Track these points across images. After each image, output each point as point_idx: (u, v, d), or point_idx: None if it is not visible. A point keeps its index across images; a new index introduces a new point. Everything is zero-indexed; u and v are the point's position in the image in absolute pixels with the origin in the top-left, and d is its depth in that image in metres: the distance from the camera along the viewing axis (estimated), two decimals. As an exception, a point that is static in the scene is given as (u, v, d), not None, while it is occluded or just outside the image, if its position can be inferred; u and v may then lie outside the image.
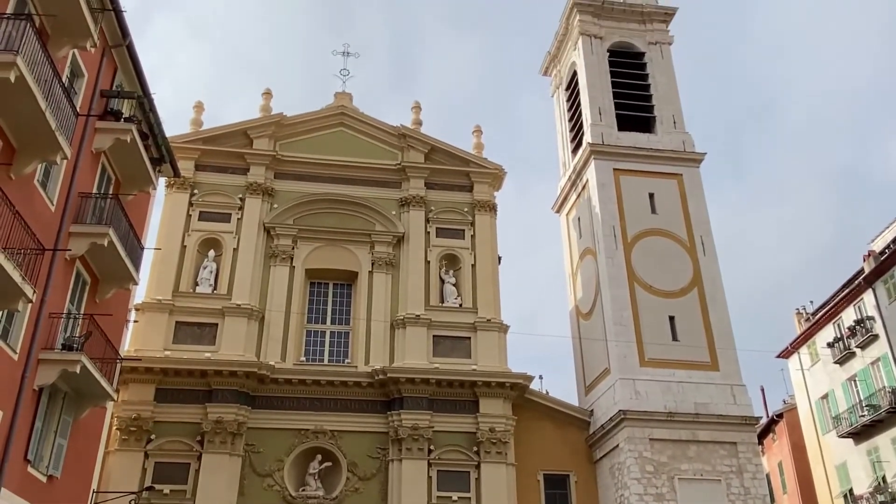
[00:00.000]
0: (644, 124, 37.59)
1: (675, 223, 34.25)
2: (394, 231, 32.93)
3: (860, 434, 37.72)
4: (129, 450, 27.04)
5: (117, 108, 21.46)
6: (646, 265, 32.92)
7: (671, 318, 31.90)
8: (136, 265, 22.03)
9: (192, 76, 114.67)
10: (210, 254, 31.33)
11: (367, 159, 34.43)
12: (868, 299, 37.77)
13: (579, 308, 35.99)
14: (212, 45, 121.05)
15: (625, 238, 33.48)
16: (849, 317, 39.38)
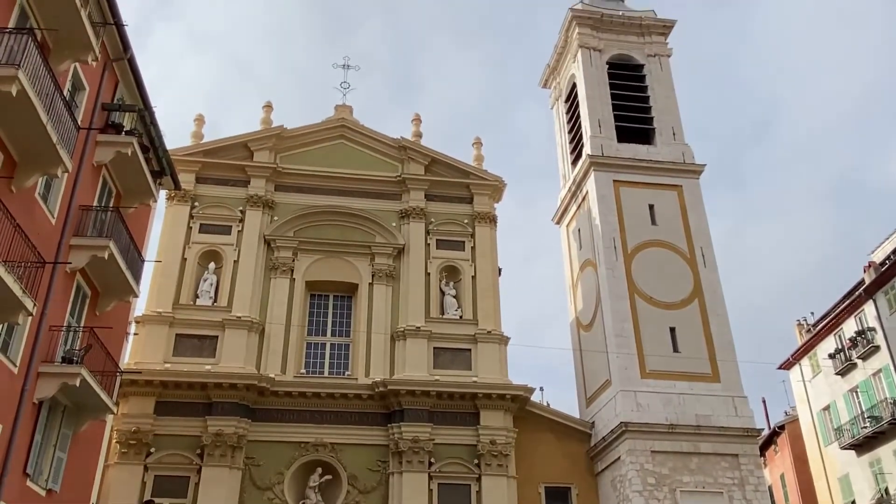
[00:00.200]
0: (643, 136, 37.69)
1: (676, 234, 34.27)
2: (394, 243, 32.94)
3: (862, 446, 37.60)
4: (128, 463, 26.94)
5: (118, 121, 21.52)
6: (646, 277, 32.92)
7: (672, 329, 31.86)
8: (137, 278, 22.04)
9: (193, 89, 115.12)
10: (210, 266, 31.33)
11: (368, 171, 34.50)
12: (869, 310, 37.76)
13: (580, 320, 35.94)
14: (213, 58, 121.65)
15: (625, 249, 33.49)
16: (850, 328, 39.35)
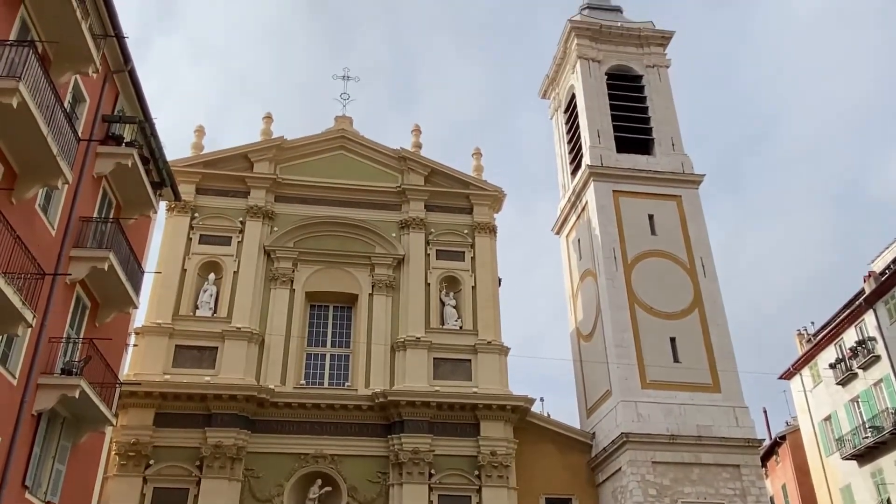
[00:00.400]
0: (643, 146, 37.77)
1: (675, 244, 34.28)
2: (394, 253, 32.95)
3: (864, 456, 37.48)
4: (127, 475, 26.82)
5: (119, 132, 21.56)
6: (646, 287, 32.91)
7: (672, 339, 31.82)
8: (137, 289, 22.03)
9: (193, 101, 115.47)
10: (210, 277, 31.32)
11: (368, 182, 34.56)
12: (869, 320, 37.72)
13: (580, 330, 35.90)
14: (213, 70, 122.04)
15: (625, 259, 33.49)
16: (850, 338, 39.30)
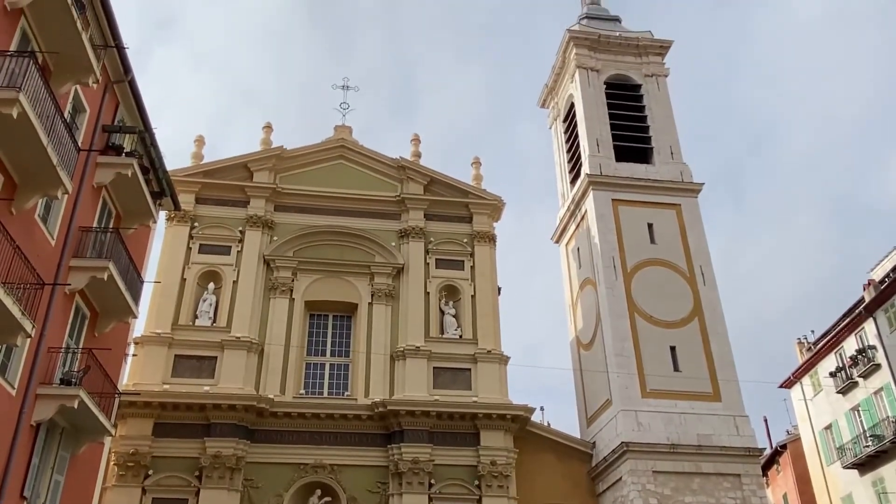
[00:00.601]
0: (642, 155, 37.83)
1: (675, 253, 34.28)
2: (393, 262, 32.94)
3: (865, 465, 37.39)
4: (126, 485, 26.68)
5: (119, 142, 21.61)
6: (646, 295, 32.88)
7: (672, 348, 31.78)
8: (136, 299, 22.02)
9: (193, 111, 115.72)
10: (210, 286, 31.27)
11: (367, 191, 34.58)
12: (869, 328, 37.69)
13: (580, 338, 35.85)
14: (213, 80, 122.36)
15: (624, 268, 33.48)
16: (850, 346, 39.26)
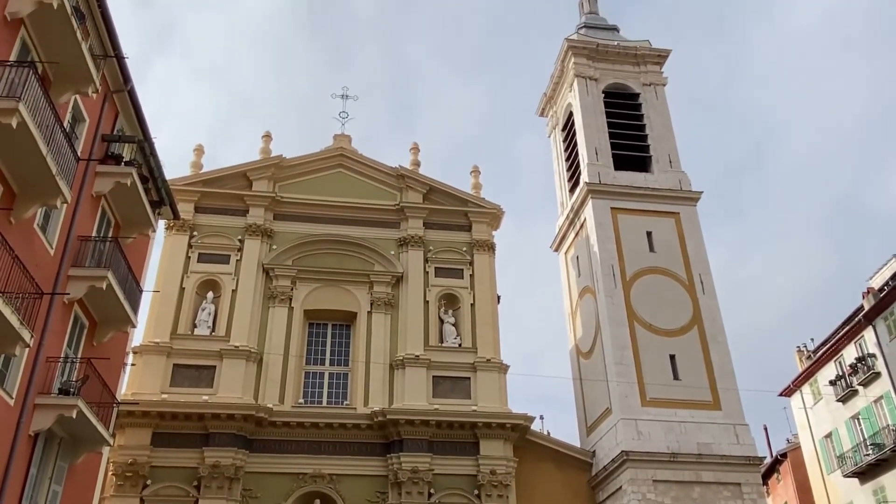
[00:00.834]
0: (640, 164, 37.89)
1: (674, 261, 34.28)
2: (393, 271, 32.92)
3: (865, 473, 37.27)
4: (124, 496, 26.57)
5: (118, 151, 21.63)
6: (645, 304, 32.86)
7: (672, 356, 31.73)
8: (135, 308, 21.98)
9: (192, 120, 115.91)
10: (209, 295, 31.23)
11: (366, 200, 34.60)
12: (869, 336, 37.65)
13: (579, 347, 35.80)
14: (212, 89, 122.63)
15: (624, 277, 33.47)
16: (850, 354, 39.21)
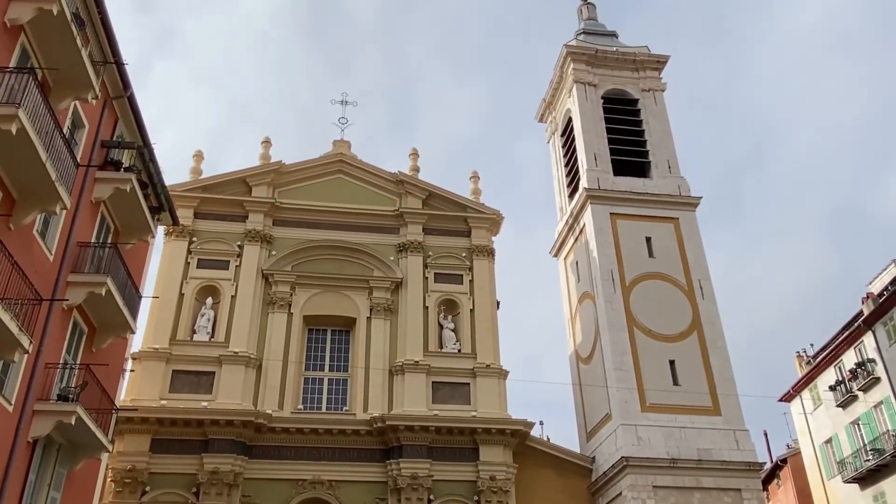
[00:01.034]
0: (639, 169, 37.94)
1: (673, 267, 34.30)
2: (392, 277, 32.90)
3: (865, 479, 37.21)
4: (123, 502, 26.46)
5: (117, 157, 21.64)
6: (645, 309, 32.86)
7: (671, 362, 31.72)
8: (134, 314, 21.95)
9: (192, 126, 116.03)
10: (208, 301, 31.22)
11: (366, 206, 34.61)
12: (868, 342, 37.62)
13: (579, 352, 35.78)
14: (212, 96, 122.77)
15: (623, 282, 33.47)
16: (850, 359, 39.17)
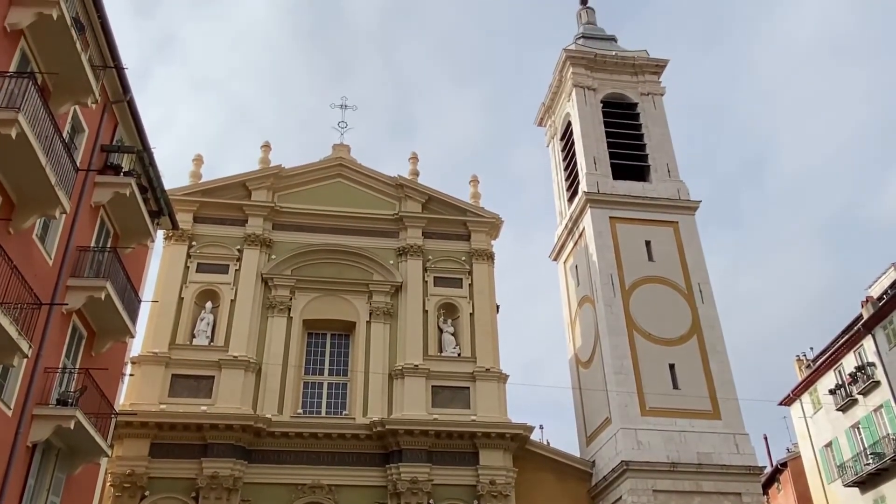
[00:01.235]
0: (638, 173, 37.95)
1: (673, 270, 34.29)
2: (392, 281, 32.89)
3: (866, 483, 37.15)
4: (122, 507, 26.50)
5: (117, 162, 21.64)
6: (644, 313, 32.84)
7: (671, 366, 31.69)
8: (133, 318, 21.94)
9: (192, 129, 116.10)
10: (207, 305, 31.20)
11: (365, 210, 34.62)
12: (868, 345, 37.61)
13: (579, 356, 35.75)
14: (212, 99, 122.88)
15: (623, 286, 33.46)
16: (849, 363, 39.16)
